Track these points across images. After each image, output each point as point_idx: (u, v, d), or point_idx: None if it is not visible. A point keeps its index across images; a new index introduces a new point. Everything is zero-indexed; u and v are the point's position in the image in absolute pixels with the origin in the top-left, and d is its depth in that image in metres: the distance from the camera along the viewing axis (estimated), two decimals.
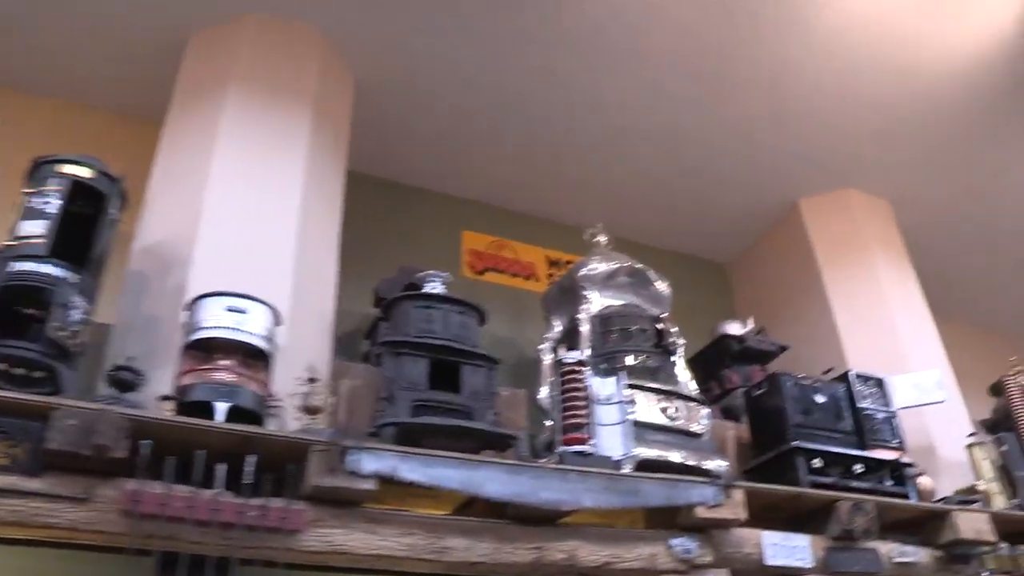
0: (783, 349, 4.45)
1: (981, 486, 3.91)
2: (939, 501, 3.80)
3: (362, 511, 2.69)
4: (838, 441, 3.71)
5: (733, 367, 4.30)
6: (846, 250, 4.78)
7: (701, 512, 3.10)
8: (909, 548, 3.60)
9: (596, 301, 3.78)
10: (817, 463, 3.54)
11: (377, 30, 3.83)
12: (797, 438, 3.57)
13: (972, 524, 3.69)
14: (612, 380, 3.35)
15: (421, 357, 3.14)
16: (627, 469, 3.17)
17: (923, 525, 3.78)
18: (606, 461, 3.07)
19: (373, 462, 2.63)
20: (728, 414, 4.15)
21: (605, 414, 3.28)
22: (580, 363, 3.24)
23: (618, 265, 3.88)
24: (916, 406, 3.95)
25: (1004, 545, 3.72)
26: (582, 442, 3.08)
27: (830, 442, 3.67)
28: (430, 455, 2.73)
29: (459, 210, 4.71)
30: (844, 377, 3.94)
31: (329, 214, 3.55)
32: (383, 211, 4.50)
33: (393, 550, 2.66)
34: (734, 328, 4.39)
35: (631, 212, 5.06)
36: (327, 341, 3.30)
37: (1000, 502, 3.94)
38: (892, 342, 4.42)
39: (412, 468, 2.69)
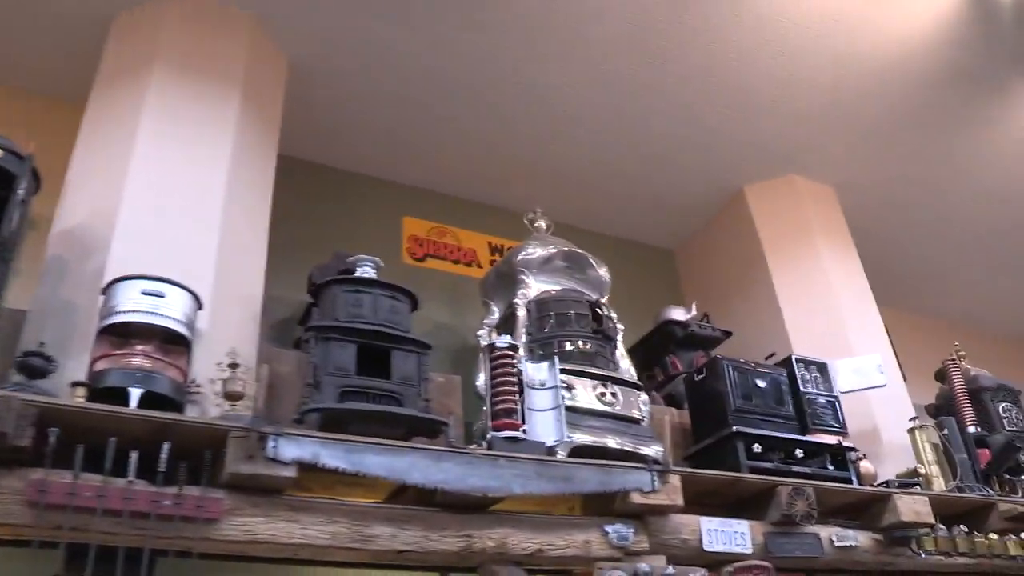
0: (727, 335, 4.44)
1: (922, 469, 3.92)
2: (881, 485, 3.80)
3: (283, 499, 2.61)
4: (779, 426, 3.69)
5: (677, 353, 4.27)
6: (791, 236, 4.78)
7: (636, 498, 3.06)
8: (850, 532, 3.60)
9: (533, 286, 3.72)
10: (757, 448, 3.52)
11: (311, 12, 3.72)
12: (737, 423, 3.55)
13: (912, 507, 3.70)
14: (546, 365, 3.30)
15: (349, 342, 3.06)
16: (562, 455, 3.13)
17: (865, 509, 3.78)
18: (538, 447, 3.01)
19: (293, 449, 2.55)
20: (671, 400, 4.12)
21: (539, 399, 3.23)
22: (512, 348, 3.18)
23: (556, 249, 3.82)
24: (858, 390, 3.95)
25: (942, 527, 3.74)
26: (513, 428, 3.02)
27: (771, 427, 3.66)
28: (353, 441, 2.66)
29: (400, 196, 4.63)
30: (787, 362, 3.92)
31: (258, 198, 3.46)
32: (322, 196, 4.40)
33: (315, 539, 2.58)
34: (678, 314, 4.36)
35: (577, 197, 5.01)
36: (255, 326, 3.21)
37: (940, 485, 3.96)
38: (836, 327, 4.43)
39: (334, 455, 2.62)
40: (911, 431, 4.09)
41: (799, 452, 3.63)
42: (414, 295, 3.32)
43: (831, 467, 3.74)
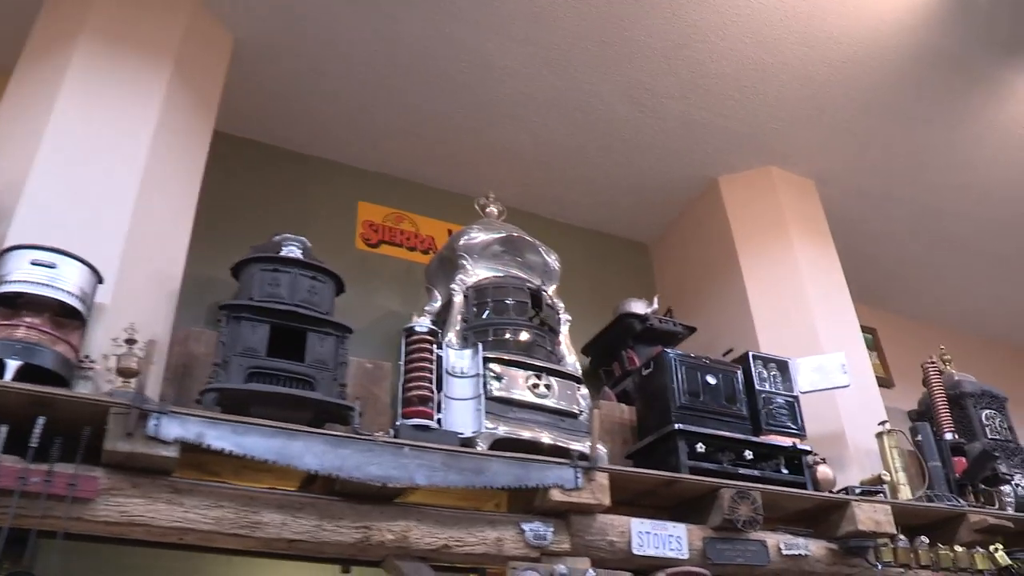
0: (690, 330, 4.23)
1: (887, 477, 3.68)
2: (841, 491, 3.57)
3: (168, 481, 2.48)
4: (729, 425, 3.49)
5: (635, 348, 4.08)
6: (764, 230, 4.56)
7: (557, 496, 2.88)
8: (800, 540, 3.38)
9: (473, 272, 3.56)
10: (700, 448, 3.32)
11: None
12: (680, 420, 3.35)
13: (871, 515, 3.48)
14: (468, 353, 3.14)
15: (262, 322, 2.93)
16: (482, 447, 2.97)
17: (821, 516, 3.57)
18: (449, 436, 2.85)
19: (176, 428, 2.42)
20: (625, 397, 3.93)
21: (459, 388, 3.07)
22: (431, 333, 3.03)
23: (500, 235, 3.66)
24: (819, 390, 3.72)
25: (903, 538, 3.51)
26: (426, 416, 2.87)
27: (719, 426, 3.45)
28: (242, 422, 2.52)
29: (356, 180, 4.49)
30: (743, 359, 3.72)
31: (185, 177, 3.34)
32: (275, 179, 4.28)
33: (198, 523, 2.45)
34: (637, 307, 4.16)
35: (546, 187, 4.84)
36: (170, 305, 3.09)
37: (906, 493, 3.72)
38: (805, 325, 4.20)
39: (220, 436, 2.48)
40: (879, 436, 3.85)
41: (748, 454, 3.42)
42: (338, 276, 3.18)
43: (785, 471, 3.53)
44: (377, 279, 4.24)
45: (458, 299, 3.48)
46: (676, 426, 3.30)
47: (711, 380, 3.54)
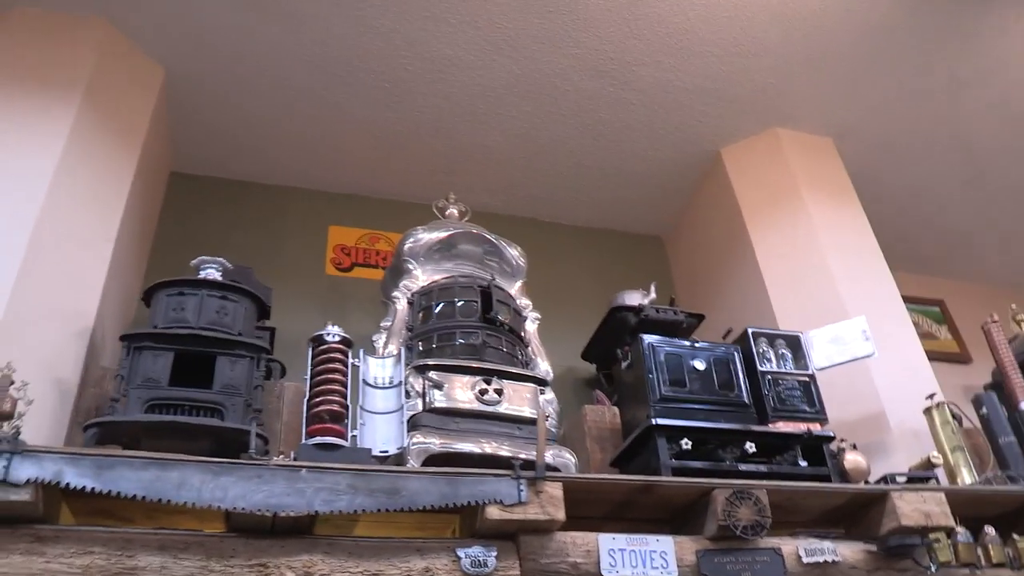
0: (696, 317, 3.71)
1: (938, 459, 3.03)
2: (880, 481, 2.96)
3: (31, 530, 2.22)
4: (725, 415, 2.96)
5: (632, 344, 3.59)
6: (772, 198, 4.01)
7: (494, 514, 2.44)
8: (826, 544, 2.79)
9: (420, 276, 3.22)
10: (685, 444, 2.80)
11: (180, 18, 3.46)
12: (661, 415, 2.86)
13: (919, 507, 2.84)
14: (390, 361, 2.78)
15: (165, 350, 2.68)
16: (413, 464, 2.59)
17: (856, 514, 2.97)
18: (360, 454, 2.49)
19: (30, 468, 2.16)
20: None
21: (380, 401, 2.71)
22: (344, 342, 2.69)
23: (448, 233, 3.31)
24: (838, 364, 3.13)
25: (963, 531, 2.85)
26: (335, 434, 2.51)
27: (712, 417, 2.93)
28: (107, 456, 2.24)
29: (326, 205, 4.26)
30: (743, 337, 3.19)
31: (102, 209, 3.18)
32: (239, 213, 4.10)
33: (61, 573, 2.18)
34: (631, 299, 3.69)
35: (531, 187, 4.45)
36: (81, 343, 2.90)
37: (967, 478, 3.05)
38: (828, 294, 3.61)
39: (82, 473, 2.20)
40: (927, 411, 3.21)
41: (750, 446, 2.87)
42: (253, 293, 2.91)
43: (803, 463, 2.95)
44: (351, 303, 3.97)
45: (401, 306, 3.15)
46: (653, 421, 2.81)
47: (699, 366, 3.03)
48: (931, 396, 3.23)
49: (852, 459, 2.98)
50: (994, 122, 4.25)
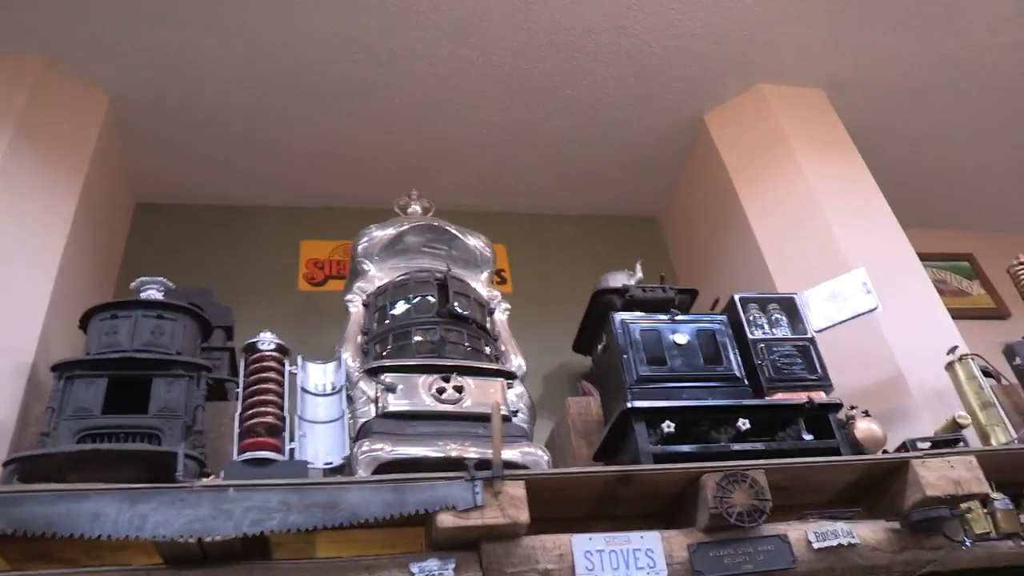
0: (689, 293, 3.40)
1: (964, 419, 2.68)
2: (900, 449, 2.63)
3: None
4: (713, 392, 2.66)
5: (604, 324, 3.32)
6: (761, 157, 3.70)
7: (447, 521, 2.19)
8: (839, 526, 2.46)
9: (376, 275, 3.02)
10: (668, 427, 2.51)
11: (113, 41, 3.34)
12: (638, 397, 2.58)
13: (946, 474, 2.50)
14: (331, 366, 2.57)
15: (97, 376, 2.51)
16: (363, 474, 2.36)
17: (874, 489, 2.63)
18: (295, 468, 2.26)
19: None
20: None
21: (324, 409, 2.48)
22: (280, 349, 2.48)
23: (402, 227, 3.10)
24: (840, 323, 2.81)
25: (1000, 497, 2.50)
26: (270, 448, 2.30)
27: (699, 395, 2.64)
28: (12, 493, 2.07)
29: (296, 220, 4.10)
30: (730, 306, 2.90)
31: (41, 241, 3.06)
32: (208, 238, 3.97)
33: None
34: (615, 280, 3.40)
35: (510, 177, 4.22)
36: (18, 380, 2.76)
37: (1001, 437, 2.70)
38: (828, 249, 3.29)
39: None
40: (950, 367, 2.86)
41: (743, 423, 2.57)
42: (191, 308, 2.73)
43: (808, 436, 2.63)
44: (325, 318, 3.77)
45: (355, 310, 2.94)
46: (628, 405, 2.53)
47: (680, 340, 2.74)
48: (952, 350, 2.88)
49: (865, 427, 2.65)
50: (1008, 50, 3.86)
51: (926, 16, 3.65)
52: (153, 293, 2.81)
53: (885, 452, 2.64)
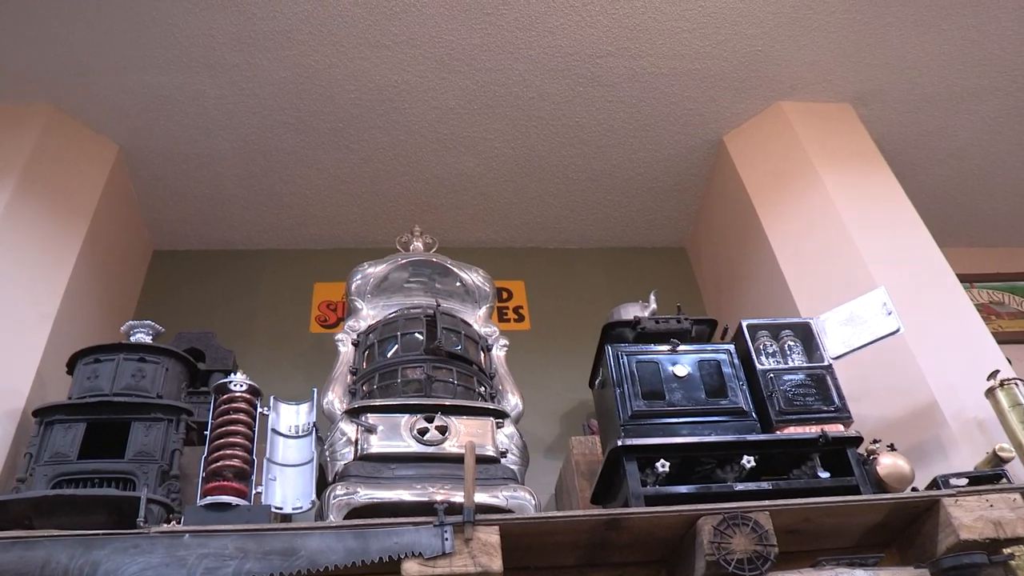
0: (708, 324, 3.19)
1: (1007, 452, 2.39)
2: (931, 487, 2.36)
3: None
4: (716, 427, 2.45)
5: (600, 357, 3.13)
6: (781, 177, 3.48)
7: (413, 569, 2.04)
8: (858, 573, 2.20)
9: (368, 314, 2.93)
10: (662, 467, 2.31)
11: (116, 90, 3.41)
12: (632, 434, 2.39)
13: (984, 514, 2.24)
14: (304, 407, 2.46)
15: (76, 421, 2.48)
16: (333, 519, 2.23)
17: (906, 531, 2.37)
18: (257, 514, 2.15)
19: None
20: None
21: (295, 452, 2.38)
22: (251, 391, 2.40)
23: (395, 263, 3.01)
24: (858, 349, 2.57)
25: None
26: (234, 492, 2.20)
27: (699, 431, 2.43)
28: None
29: (310, 262, 4.07)
30: (738, 333, 2.69)
31: (39, 286, 3.08)
32: (222, 282, 3.98)
33: None
34: (627, 312, 3.22)
35: (525, 213, 4.10)
36: (10, 424, 2.76)
37: None
38: (853, 268, 3.05)
39: None
40: (990, 393, 2.57)
41: (748, 460, 2.34)
42: (175, 351, 2.69)
43: (824, 474, 2.39)
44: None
45: (344, 349, 2.84)
46: (618, 443, 2.34)
47: (679, 372, 2.55)
48: (993, 374, 2.59)
49: (889, 463, 2.40)
50: None
51: (957, 16, 3.41)
52: (142, 336, 2.79)
53: (915, 490, 2.37)
